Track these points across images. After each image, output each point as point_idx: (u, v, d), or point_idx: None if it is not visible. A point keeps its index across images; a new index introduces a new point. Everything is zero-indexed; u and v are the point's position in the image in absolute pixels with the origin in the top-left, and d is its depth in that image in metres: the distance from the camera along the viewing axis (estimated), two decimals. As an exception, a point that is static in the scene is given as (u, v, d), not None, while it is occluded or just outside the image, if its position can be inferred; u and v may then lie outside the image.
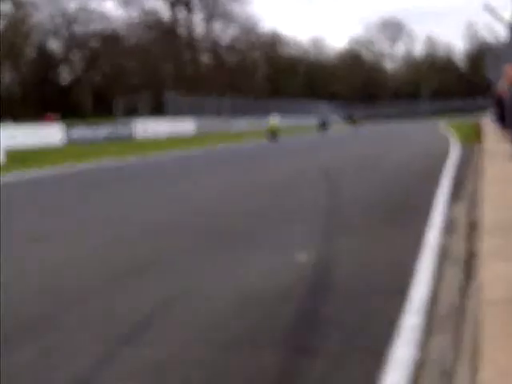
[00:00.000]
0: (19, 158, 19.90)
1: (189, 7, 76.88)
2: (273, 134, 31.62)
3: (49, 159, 19.30)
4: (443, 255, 4.73)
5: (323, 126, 43.75)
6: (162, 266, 4.95)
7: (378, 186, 9.88)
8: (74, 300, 4.07)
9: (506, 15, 10.86)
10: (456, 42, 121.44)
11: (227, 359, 2.95)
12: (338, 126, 54.59)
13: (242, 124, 50.75)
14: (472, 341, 2.08)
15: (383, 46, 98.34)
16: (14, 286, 4.46)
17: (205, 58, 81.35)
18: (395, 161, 14.82)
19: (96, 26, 71.59)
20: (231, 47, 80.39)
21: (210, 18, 78.58)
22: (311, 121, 56.85)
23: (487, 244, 2.88)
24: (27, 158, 20.16)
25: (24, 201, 10.27)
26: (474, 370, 1.60)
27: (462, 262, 4.53)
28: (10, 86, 66.84)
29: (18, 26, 63.88)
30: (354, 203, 7.93)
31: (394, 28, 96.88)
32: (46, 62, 70.01)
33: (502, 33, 15.81)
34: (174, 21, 76.09)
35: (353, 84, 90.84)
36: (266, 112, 58.33)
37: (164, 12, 76.70)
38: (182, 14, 76.80)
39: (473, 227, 5.61)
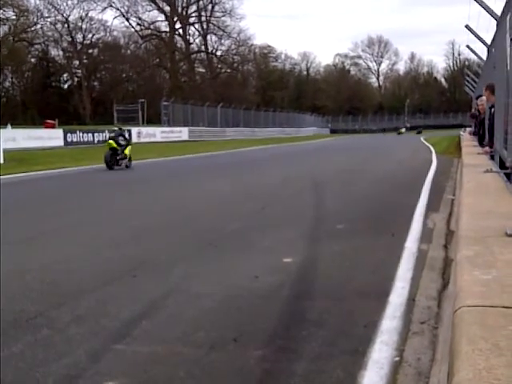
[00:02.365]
0: (17, 159, 19.75)
1: (186, 20, 76.97)
2: (399, 133, 59.73)
3: (46, 161, 19.14)
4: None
5: (403, 131, 64.43)
6: (157, 265, 4.91)
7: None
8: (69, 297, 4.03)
9: (487, 36, 10.98)
10: (438, 60, 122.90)
11: (212, 356, 2.93)
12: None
13: (233, 133, 50.79)
14: (449, 343, 2.06)
15: (369, 62, 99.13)
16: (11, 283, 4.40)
17: (200, 69, 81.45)
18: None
19: (96, 35, 71.53)
20: (225, 60, 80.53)
21: (205, 30, 78.73)
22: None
23: (465, 251, 2.87)
24: (25, 159, 20.01)
25: (22, 199, 10.17)
26: (452, 372, 1.58)
27: (440, 268, 4.54)
28: (10, 91, 66.57)
29: (20, 32, 63.67)
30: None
31: (380, 45, 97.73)
32: (47, 68, 69.80)
33: (481, 51, 15.98)
34: (171, 32, 76.11)
35: (339, 98, 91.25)
36: (256, 122, 58.64)
37: (161, 23, 76.78)
38: (178, 25, 76.89)
39: (451, 236, 5.62)
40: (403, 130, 66.17)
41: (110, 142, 16.03)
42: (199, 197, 10.01)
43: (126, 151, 16.26)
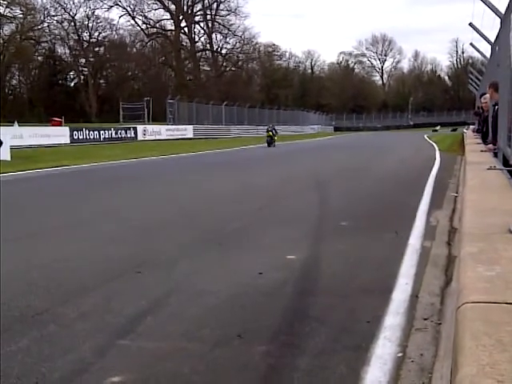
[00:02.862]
0: (24, 156, 19.76)
1: (191, 18, 76.94)
2: (434, 131, 58.76)
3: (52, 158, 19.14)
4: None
5: (455, 129, 62.56)
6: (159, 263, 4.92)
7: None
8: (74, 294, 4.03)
9: (491, 34, 10.92)
10: (442, 58, 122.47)
11: (216, 352, 2.93)
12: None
13: (238, 131, 50.76)
14: (451, 339, 2.05)
15: (373, 60, 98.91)
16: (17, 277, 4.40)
17: (205, 68, 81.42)
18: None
19: (102, 33, 71.64)
20: (229, 58, 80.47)
21: (210, 29, 78.67)
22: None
23: (468, 248, 2.85)
24: (32, 156, 20.02)
25: (26, 197, 10.18)
26: (455, 367, 1.57)
27: (443, 265, 4.52)
28: (17, 89, 66.69)
29: (27, 30, 63.76)
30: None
31: (383, 44, 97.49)
32: (54, 66, 69.92)
33: (484, 49, 15.87)
34: (177, 31, 76.09)
35: (343, 96, 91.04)
36: (261, 120, 58.57)
37: (167, 22, 76.80)
38: (184, 24, 76.87)
39: (454, 233, 5.60)
40: (438, 127, 68.08)
41: (269, 133, 28.95)
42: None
43: (276, 138, 29.13)
